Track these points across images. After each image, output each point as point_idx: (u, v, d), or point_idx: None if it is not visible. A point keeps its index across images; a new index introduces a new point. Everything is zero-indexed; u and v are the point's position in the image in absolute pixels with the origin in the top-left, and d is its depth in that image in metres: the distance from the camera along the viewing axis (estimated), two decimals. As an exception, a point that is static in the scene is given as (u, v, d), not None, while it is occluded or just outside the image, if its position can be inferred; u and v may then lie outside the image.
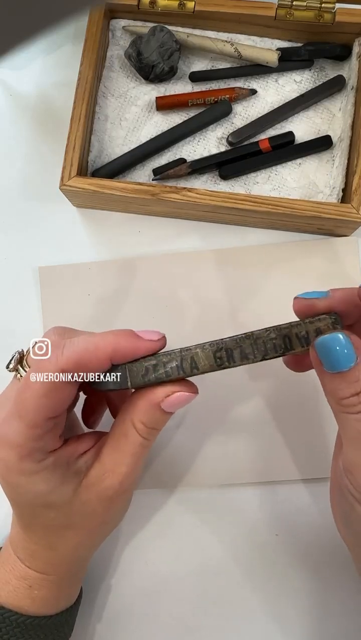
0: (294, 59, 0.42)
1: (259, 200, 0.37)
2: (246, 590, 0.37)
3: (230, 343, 0.26)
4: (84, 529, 0.29)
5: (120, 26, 0.43)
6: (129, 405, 0.28)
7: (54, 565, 0.30)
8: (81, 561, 0.33)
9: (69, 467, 0.28)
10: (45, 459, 0.27)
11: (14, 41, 0.15)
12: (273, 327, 0.26)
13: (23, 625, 0.30)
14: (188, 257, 0.40)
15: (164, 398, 0.26)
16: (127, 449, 0.28)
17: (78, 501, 0.28)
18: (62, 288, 0.41)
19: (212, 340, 0.26)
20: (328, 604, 0.37)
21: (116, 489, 0.28)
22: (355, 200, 0.37)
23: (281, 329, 0.26)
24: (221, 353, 0.25)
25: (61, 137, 0.39)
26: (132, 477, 0.28)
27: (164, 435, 0.38)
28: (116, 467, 0.28)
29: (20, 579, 0.30)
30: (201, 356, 0.26)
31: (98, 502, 0.28)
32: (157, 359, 0.26)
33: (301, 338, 0.25)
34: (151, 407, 0.27)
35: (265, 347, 0.25)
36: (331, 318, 0.25)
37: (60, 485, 0.27)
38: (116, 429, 0.28)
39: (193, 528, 0.38)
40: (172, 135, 0.41)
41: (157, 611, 0.37)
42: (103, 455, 0.28)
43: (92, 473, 0.28)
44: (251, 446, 0.38)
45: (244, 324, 0.39)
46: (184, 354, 0.26)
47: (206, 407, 0.38)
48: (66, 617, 0.32)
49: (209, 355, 0.26)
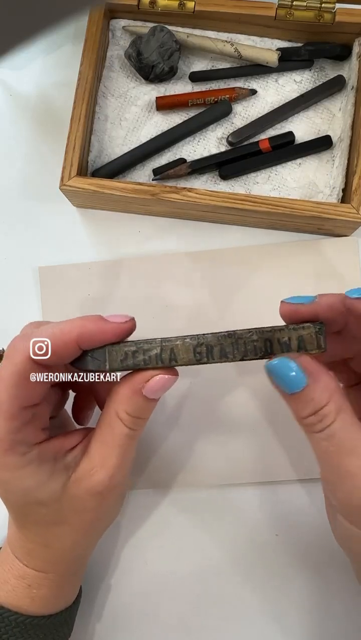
0: (294, 59, 0.42)
1: (259, 200, 0.37)
2: (246, 590, 0.37)
3: (211, 339, 0.26)
4: (78, 525, 0.29)
5: (120, 26, 0.43)
6: (112, 396, 0.28)
7: (51, 563, 0.30)
8: (79, 559, 0.32)
9: (57, 462, 0.28)
10: (29, 451, 0.27)
11: (14, 41, 0.15)
12: (256, 329, 0.26)
13: (22, 625, 0.30)
14: (188, 257, 0.40)
15: (144, 384, 0.26)
16: (114, 441, 0.28)
17: (68, 496, 0.28)
18: (62, 288, 0.41)
19: (194, 334, 0.26)
20: (328, 604, 0.37)
21: (106, 483, 0.28)
22: (355, 200, 0.37)
23: (264, 332, 0.26)
24: (201, 348, 0.26)
25: (61, 137, 0.39)
26: (123, 470, 0.28)
27: (164, 435, 0.38)
28: (104, 460, 0.28)
29: (19, 578, 0.30)
30: (180, 348, 0.26)
31: (89, 498, 0.28)
32: (137, 346, 0.26)
33: (282, 344, 0.25)
34: (132, 395, 0.27)
35: (245, 347, 0.26)
36: (315, 327, 0.25)
37: (48, 481, 0.27)
38: (102, 422, 0.28)
39: (192, 528, 0.38)
40: (172, 135, 0.41)
41: (157, 611, 0.37)
42: (91, 450, 0.28)
43: (81, 467, 0.28)
44: (251, 446, 0.38)
45: (245, 324, 0.39)
46: (164, 344, 0.26)
47: (206, 406, 0.38)
48: (65, 616, 0.32)
49: (188, 349, 0.26)
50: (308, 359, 0.25)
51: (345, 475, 0.24)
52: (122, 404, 0.27)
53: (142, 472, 0.38)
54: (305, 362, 0.25)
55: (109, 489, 0.28)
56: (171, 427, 0.38)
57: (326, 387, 0.25)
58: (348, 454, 0.24)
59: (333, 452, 0.25)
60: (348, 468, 0.24)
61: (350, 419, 0.25)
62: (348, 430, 0.24)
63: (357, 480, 0.24)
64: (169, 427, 0.38)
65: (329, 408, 0.24)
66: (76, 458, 0.28)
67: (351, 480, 0.24)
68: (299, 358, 0.25)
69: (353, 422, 0.25)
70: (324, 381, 0.25)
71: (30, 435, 0.27)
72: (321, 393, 0.24)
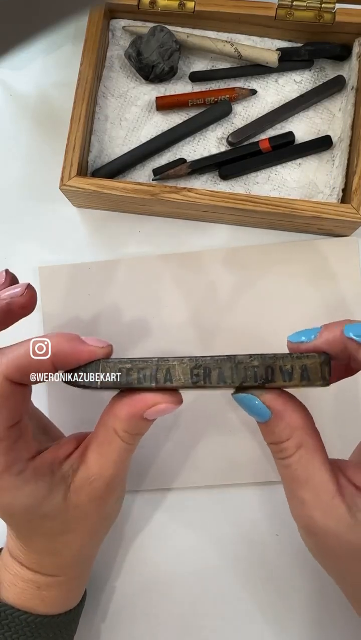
0: (294, 59, 0.42)
1: (259, 200, 0.37)
2: (246, 591, 0.37)
3: (210, 362, 0.25)
4: (83, 530, 0.29)
5: (120, 26, 0.43)
6: (110, 412, 0.27)
7: (61, 568, 0.30)
8: (88, 560, 0.33)
9: (54, 475, 0.27)
10: (24, 469, 0.27)
11: (14, 41, 0.15)
12: (258, 354, 0.25)
13: (33, 625, 0.30)
14: (188, 257, 0.40)
15: (147, 409, 0.26)
16: (112, 454, 0.28)
17: (71, 506, 0.28)
18: (62, 288, 0.41)
19: (192, 356, 0.25)
20: (328, 604, 0.37)
21: (105, 489, 0.28)
22: (355, 200, 0.37)
23: (266, 358, 0.25)
24: (199, 370, 0.25)
25: (61, 137, 0.39)
26: (121, 474, 0.28)
27: (164, 435, 0.38)
28: (102, 470, 0.28)
29: (28, 581, 0.30)
30: (177, 369, 0.25)
31: (90, 503, 0.28)
32: (132, 363, 0.25)
33: (285, 372, 0.24)
34: (133, 417, 0.27)
35: (245, 373, 0.24)
36: (320, 357, 0.25)
37: (49, 495, 0.27)
38: (99, 436, 0.28)
39: (193, 528, 0.38)
40: (172, 135, 0.41)
41: (158, 611, 0.37)
42: (89, 461, 0.28)
43: (79, 477, 0.28)
44: (251, 446, 0.38)
45: (244, 324, 0.39)
46: (160, 363, 0.25)
47: (206, 406, 0.38)
48: (73, 614, 0.32)
49: (186, 370, 0.25)
50: (275, 396, 0.25)
51: (296, 501, 0.26)
52: (121, 424, 0.27)
53: (143, 473, 0.38)
54: (270, 400, 0.25)
55: (108, 492, 0.28)
56: (171, 428, 0.38)
57: (287, 425, 0.25)
58: (302, 485, 0.25)
59: (288, 479, 0.26)
60: (299, 496, 0.26)
61: (310, 454, 0.25)
62: (304, 466, 0.25)
63: (306, 509, 0.25)
64: (169, 427, 0.38)
65: (288, 444, 0.25)
66: (72, 467, 0.28)
67: (301, 508, 0.26)
68: (263, 396, 0.25)
69: (313, 458, 0.25)
70: (287, 420, 0.25)
71: (22, 451, 0.27)
72: (282, 430, 0.25)
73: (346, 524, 0.25)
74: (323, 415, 0.37)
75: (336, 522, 0.25)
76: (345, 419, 0.38)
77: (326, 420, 0.37)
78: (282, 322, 0.39)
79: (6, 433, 0.26)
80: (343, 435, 0.37)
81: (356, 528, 0.25)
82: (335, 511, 0.25)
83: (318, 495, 0.25)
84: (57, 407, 0.39)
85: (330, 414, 0.38)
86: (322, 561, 0.29)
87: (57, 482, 0.27)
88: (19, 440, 0.27)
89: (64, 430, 0.35)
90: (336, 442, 0.36)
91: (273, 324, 0.39)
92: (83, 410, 0.39)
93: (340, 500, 0.25)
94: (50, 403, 0.39)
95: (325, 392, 0.38)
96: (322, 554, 0.28)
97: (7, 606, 0.30)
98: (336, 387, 0.29)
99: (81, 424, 0.36)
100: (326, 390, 0.26)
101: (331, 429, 0.37)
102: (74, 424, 0.36)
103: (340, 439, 0.37)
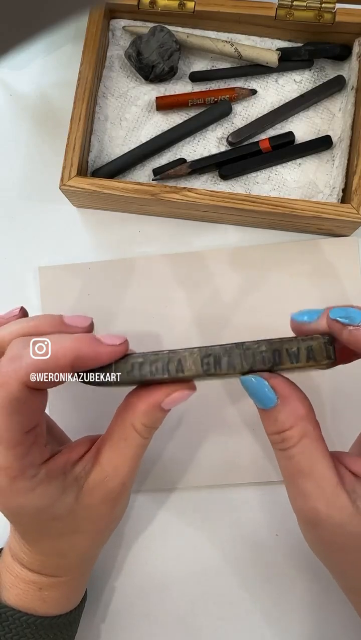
0: (294, 59, 0.42)
1: (259, 201, 0.37)
2: (246, 591, 0.37)
3: (219, 350, 0.25)
4: (92, 532, 0.29)
5: (120, 26, 0.43)
6: (127, 407, 0.28)
7: (65, 569, 0.30)
8: (91, 560, 0.33)
9: (66, 476, 0.28)
10: (37, 473, 0.27)
11: (14, 41, 0.15)
12: (265, 339, 0.25)
13: (34, 626, 0.30)
14: (188, 257, 0.40)
15: (164, 398, 0.27)
16: (128, 451, 0.28)
17: (82, 507, 0.28)
18: (62, 288, 0.41)
19: (202, 346, 0.26)
20: (328, 604, 0.37)
21: (119, 490, 0.28)
22: (355, 200, 0.37)
23: (273, 343, 0.25)
24: (209, 359, 0.25)
25: (61, 137, 0.39)
26: (133, 474, 0.29)
27: (164, 436, 0.38)
28: (117, 469, 0.28)
29: (30, 583, 0.30)
30: (188, 359, 0.25)
31: (103, 505, 0.28)
32: (144, 357, 0.26)
33: (291, 354, 0.25)
34: (152, 409, 0.27)
35: (254, 358, 0.25)
36: (324, 338, 0.25)
37: (61, 496, 0.27)
38: (114, 433, 0.28)
39: (193, 528, 0.38)
40: (172, 135, 0.41)
41: (158, 611, 0.37)
42: (103, 460, 0.28)
43: (92, 478, 0.28)
44: (251, 446, 0.38)
45: (244, 324, 0.39)
46: (171, 355, 0.26)
47: (206, 406, 0.38)
48: (75, 615, 0.32)
49: (196, 360, 0.25)
50: (282, 381, 0.26)
51: (299, 493, 0.26)
52: (140, 417, 0.27)
53: (144, 475, 0.38)
54: (278, 383, 0.25)
55: (122, 494, 0.28)
56: (172, 428, 0.38)
57: (292, 412, 0.25)
58: (304, 476, 0.25)
59: (291, 471, 0.26)
60: (302, 487, 0.25)
61: (313, 444, 0.25)
62: (307, 456, 0.25)
63: (309, 501, 0.25)
64: (169, 428, 0.38)
65: (291, 432, 0.25)
66: (85, 468, 0.28)
67: (304, 500, 0.26)
68: (273, 379, 0.25)
69: (316, 448, 0.25)
70: (292, 406, 0.25)
71: (36, 456, 0.27)
72: (287, 417, 0.25)
73: (348, 512, 0.25)
74: (322, 409, 0.37)
75: (339, 511, 0.25)
76: (343, 415, 0.38)
77: (326, 415, 0.37)
78: (282, 322, 0.39)
79: (22, 438, 0.26)
80: (341, 430, 0.37)
81: (358, 516, 0.25)
82: (337, 501, 0.25)
83: (321, 485, 0.25)
84: (58, 408, 0.39)
85: (329, 407, 0.38)
86: (322, 554, 0.29)
87: (70, 484, 0.27)
88: (34, 444, 0.27)
89: (65, 431, 0.35)
90: (334, 438, 0.36)
91: (273, 324, 0.39)
92: (83, 410, 0.39)
93: (341, 489, 0.25)
94: (51, 404, 0.39)
95: (324, 390, 0.38)
96: (323, 546, 0.28)
97: (8, 607, 0.30)
98: (335, 382, 0.29)
99: (81, 425, 0.36)
100: (324, 385, 0.26)
101: (329, 423, 0.37)
102: (73, 425, 0.36)
103: (338, 434, 0.37)
